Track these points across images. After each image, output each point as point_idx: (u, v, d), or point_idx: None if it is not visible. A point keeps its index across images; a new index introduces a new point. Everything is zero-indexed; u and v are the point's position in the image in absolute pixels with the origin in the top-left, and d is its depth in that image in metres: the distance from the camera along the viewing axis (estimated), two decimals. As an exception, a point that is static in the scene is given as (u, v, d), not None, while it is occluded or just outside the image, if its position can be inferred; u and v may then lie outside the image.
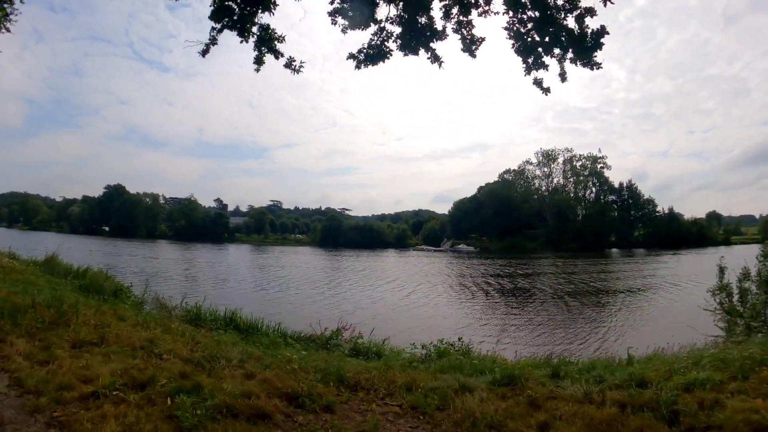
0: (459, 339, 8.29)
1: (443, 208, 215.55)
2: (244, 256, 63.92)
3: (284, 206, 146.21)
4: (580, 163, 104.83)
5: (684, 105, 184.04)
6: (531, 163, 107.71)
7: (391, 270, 47.06)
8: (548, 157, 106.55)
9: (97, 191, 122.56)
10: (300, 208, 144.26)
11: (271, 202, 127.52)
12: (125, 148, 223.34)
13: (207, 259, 55.45)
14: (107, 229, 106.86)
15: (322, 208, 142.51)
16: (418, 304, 25.42)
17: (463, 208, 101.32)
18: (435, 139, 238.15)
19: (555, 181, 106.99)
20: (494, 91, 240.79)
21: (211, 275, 36.79)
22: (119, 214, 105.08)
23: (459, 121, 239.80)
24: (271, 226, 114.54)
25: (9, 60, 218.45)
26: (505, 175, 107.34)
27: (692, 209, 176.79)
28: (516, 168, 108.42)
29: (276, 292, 27.99)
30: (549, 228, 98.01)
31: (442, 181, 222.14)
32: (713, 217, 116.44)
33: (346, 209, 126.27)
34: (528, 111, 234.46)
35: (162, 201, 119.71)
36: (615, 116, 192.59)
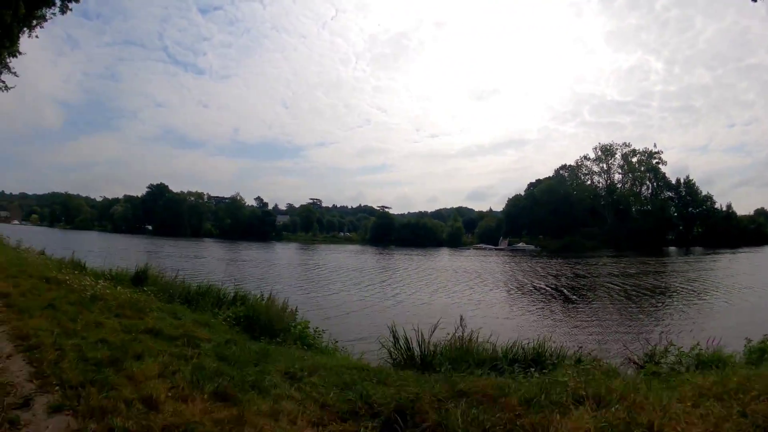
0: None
1: (479, 206, 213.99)
2: (310, 256, 61.91)
3: (323, 204, 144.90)
4: (635, 158, 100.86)
5: (724, 97, 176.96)
6: (588, 158, 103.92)
7: (464, 269, 44.36)
8: (606, 152, 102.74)
9: (136, 191, 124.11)
10: (338, 206, 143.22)
11: (311, 201, 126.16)
12: (162, 149, 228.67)
13: (286, 260, 53.63)
14: (150, 227, 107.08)
15: (361, 206, 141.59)
16: (539, 314, 22.73)
17: (519, 204, 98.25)
18: (469, 135, 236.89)
19: (612, 177, 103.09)
20: (529, 86, 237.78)
21: (310, 279, 34.86)
22: (163, 212, 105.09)
23: (493, 117, 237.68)
24: (318, 224, 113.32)
25: (45, 66, 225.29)
26: (560, 171, 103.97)
27: (735, 206, 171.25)
28: (573, 163, 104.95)
29: (391, 299, 25.58)
30: (606, 226, 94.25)
31: (477, 178, 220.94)
32: (761, 213, 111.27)
33: (386, 207, 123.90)
34: (564, 105, 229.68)
35: (205, 200, 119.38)
36: (653, 109, 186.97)
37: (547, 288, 30.76)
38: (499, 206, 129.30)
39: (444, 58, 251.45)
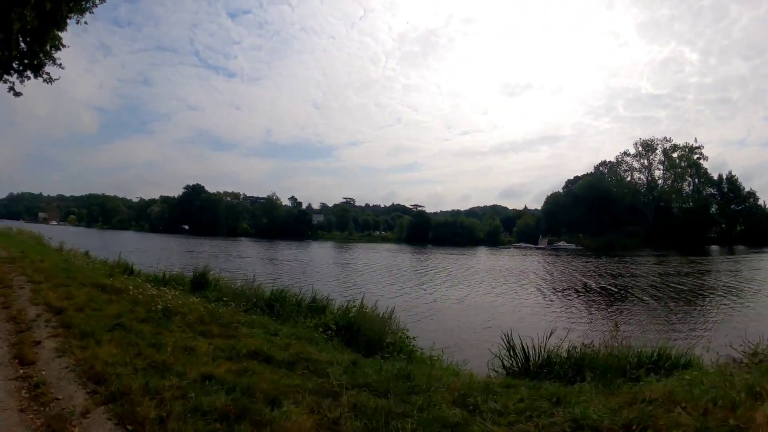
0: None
1: (513, 204, 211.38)
2: (351, 255, 62.14)
3: (356, 204, 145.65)
4: (676, 153, 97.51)
5: (761, 88, 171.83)
6: (629, 154, 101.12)
7: (515, 270, 43.49)
8: (647, 148, 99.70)
9: (170, 192, 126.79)
10: (370, 205, 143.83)
11: (344, 200, 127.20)
12: (196, 151, 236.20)
13: (330, 259, 53.81)
14: (187, 227, 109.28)
15: (394, 204, 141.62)
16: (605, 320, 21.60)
17: (558, 202, 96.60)
18: (502, 132, 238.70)
19: (653, 173, 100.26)
20: (562, 80, 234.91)
21: (355, 277, 34.91)
22: (200, 212, 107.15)
23: (526, 114, 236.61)
24: (353, 222, 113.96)
25: (80, 73, 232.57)
26: (600, 167, 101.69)
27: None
28: (612, 160, 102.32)
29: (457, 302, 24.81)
30: (647, 224, 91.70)
31: (510, 175, 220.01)
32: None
33: (418, 205, 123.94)
34: (598, 99, 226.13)
35: (241, 199, 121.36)
36: (689, 102, 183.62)
37: (613, 289, 29.97)
38: (533, 204, 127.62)
39: (474, 55, 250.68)
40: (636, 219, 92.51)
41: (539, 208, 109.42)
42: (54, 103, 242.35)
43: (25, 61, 13.00)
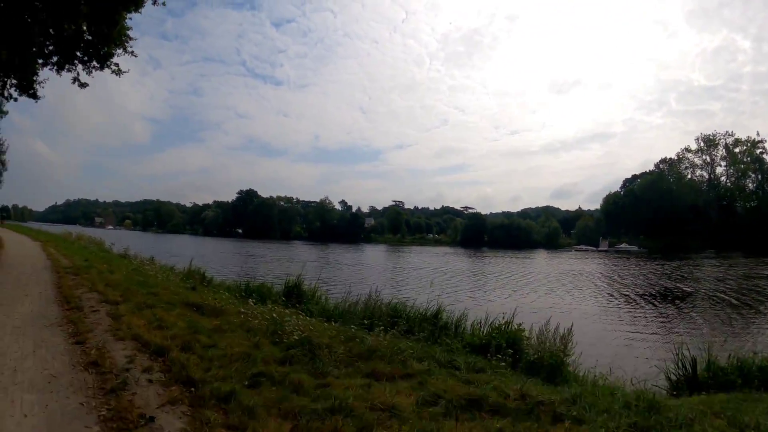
0: None
1: (565, 204, 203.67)
2: (413, 258, 61.09)
3: (405, 206, 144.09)
4: (738, 148, 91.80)
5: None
6: (690, 150, 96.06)
7: (586, 273, 41.28)
8: (709, 143, 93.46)
9: (222, 197, 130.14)
10: (419, 207, 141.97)
11: (394, 203, 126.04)
12: (246, 158, 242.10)
13: (395, 263, 53.04)
14: (240, 231, 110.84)
15: (444, 206, 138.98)
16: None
17: (618, 202, 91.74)
18: (551, 130, 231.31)
19: (715, 170, 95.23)
20: (612, 75, 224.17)
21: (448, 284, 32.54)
22: (253, 216, 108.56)
23: (575, 111, 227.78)
24: (405, 225, 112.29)
25: (131, 86, 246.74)
26: (660, 165, 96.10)
27: None
28: (673, 157, 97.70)
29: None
30: (710, 224, 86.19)
31: (560, 175, 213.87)
32: None
33: (469, 207, 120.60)
34: (649, 93, 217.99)
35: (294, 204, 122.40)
36: (744, 93, 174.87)
37: (716, 294, 27.36)
38: (586, 204, 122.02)
39: (520, 53, 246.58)
40: (698, 218, 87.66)
41: (592, 208, 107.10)
42: (108, 115, 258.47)
43: (91, 49, 12.07)
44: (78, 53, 11.96)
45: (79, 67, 12.20)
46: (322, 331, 6.11)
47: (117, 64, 12.30)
